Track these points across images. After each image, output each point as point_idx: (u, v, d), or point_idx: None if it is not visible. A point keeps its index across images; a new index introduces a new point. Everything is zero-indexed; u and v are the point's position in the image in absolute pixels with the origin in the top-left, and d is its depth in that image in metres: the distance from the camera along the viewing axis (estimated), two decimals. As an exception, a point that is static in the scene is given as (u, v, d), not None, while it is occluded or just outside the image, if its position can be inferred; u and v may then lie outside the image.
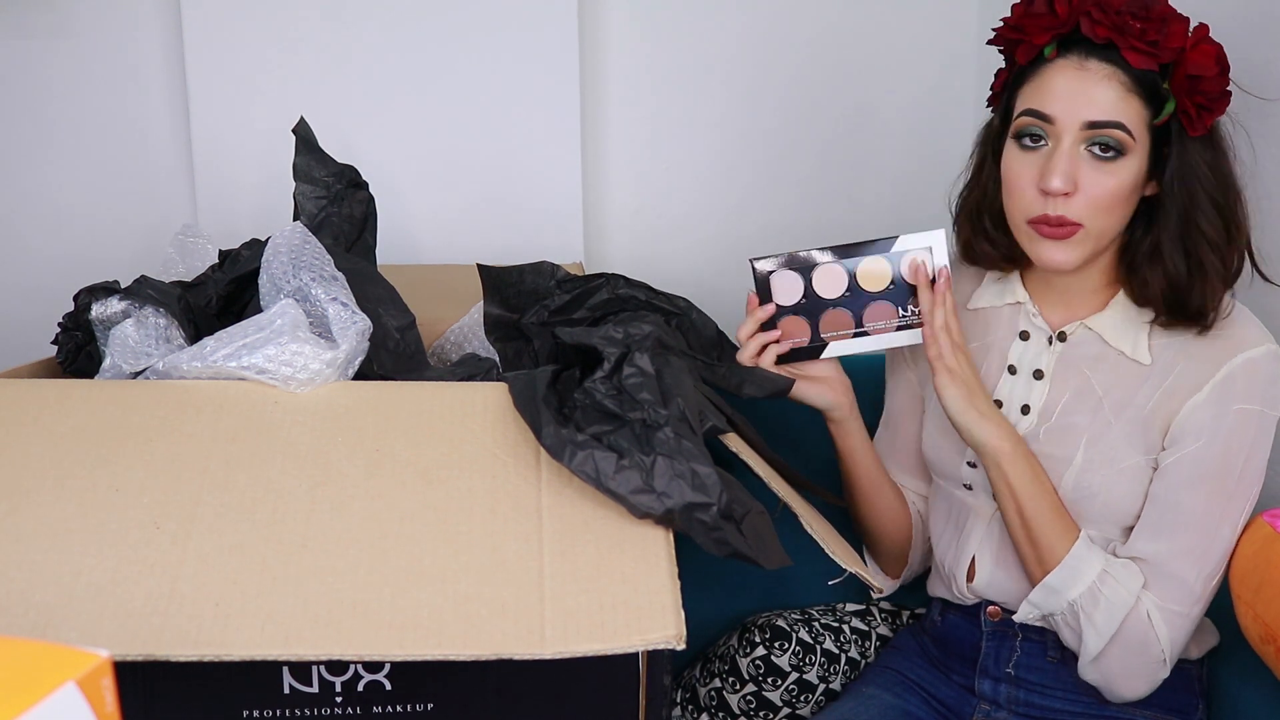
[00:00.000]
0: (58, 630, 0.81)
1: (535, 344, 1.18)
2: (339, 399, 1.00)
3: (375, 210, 1.28)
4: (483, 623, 0.83)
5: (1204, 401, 1.14)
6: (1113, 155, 1.11)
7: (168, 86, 1.67)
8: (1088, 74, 1.11)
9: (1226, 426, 1.13)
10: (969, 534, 1.28)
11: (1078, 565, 1.16)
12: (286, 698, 0.90)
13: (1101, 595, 1.15)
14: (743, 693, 1.38)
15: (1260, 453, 1.15)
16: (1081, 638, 1.16)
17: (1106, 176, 1.11)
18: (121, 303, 1.11)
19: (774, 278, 1.22)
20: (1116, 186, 1.11)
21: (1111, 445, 1.18)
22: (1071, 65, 1.12)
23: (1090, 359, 1.21)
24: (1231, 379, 1.13)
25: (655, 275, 1.34)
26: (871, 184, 1.80)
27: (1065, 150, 1.11)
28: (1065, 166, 1.11)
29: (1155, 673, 1.17)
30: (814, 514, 1.10)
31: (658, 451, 0.93)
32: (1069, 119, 1.11)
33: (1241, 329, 1.16)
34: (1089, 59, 1.11)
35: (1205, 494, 1.14)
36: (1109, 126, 1.10)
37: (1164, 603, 1.15)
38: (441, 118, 1.66)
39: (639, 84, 1.74)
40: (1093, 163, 1.11)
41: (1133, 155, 1.11)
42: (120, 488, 0.91)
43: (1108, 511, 1.18)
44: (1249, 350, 1.14)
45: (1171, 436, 1.16)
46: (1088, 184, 1.11)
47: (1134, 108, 1.11)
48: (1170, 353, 1.17)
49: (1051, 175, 1.11)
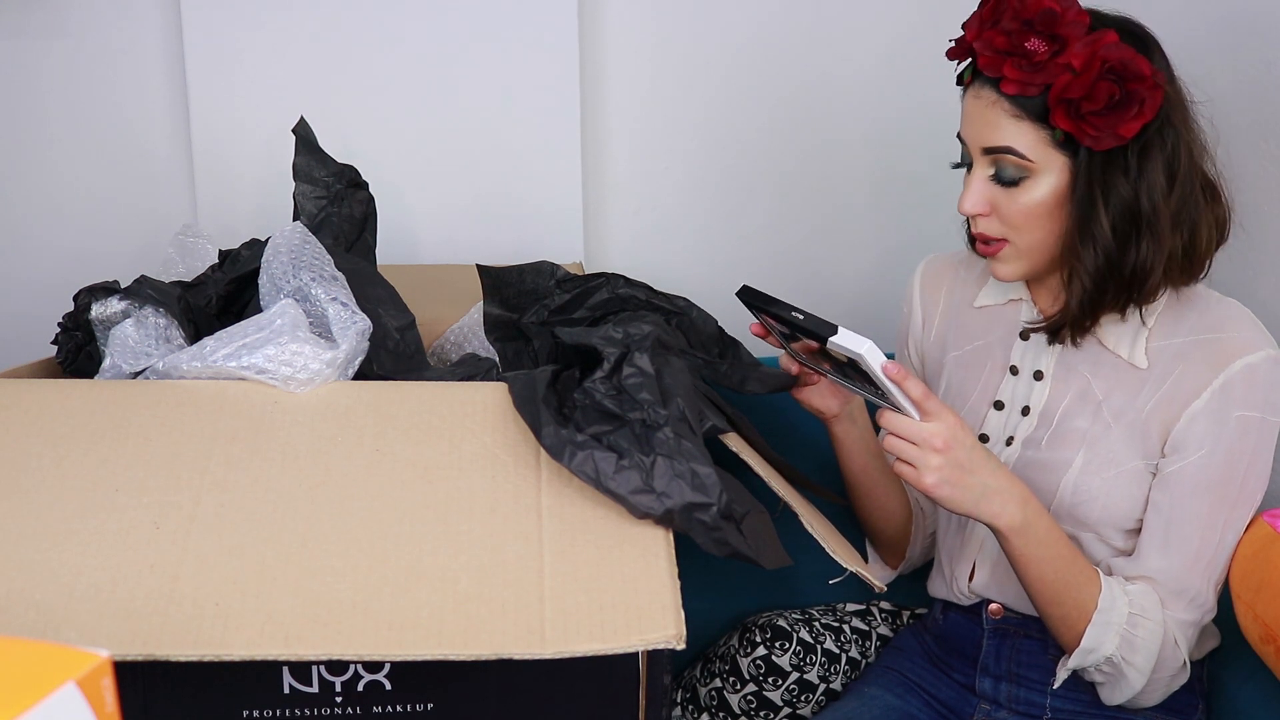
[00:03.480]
0: (58, 630, 0.81)
1: (535, 344, 1.18)
2: (339, 399, 1.00)
3: (375, 210, 1.28)
4: (483, 623, 0.83)
5: (1203, 409, 1.13)
6: (1014, 179, 1.12)
7: (168, 86, 1.67)
8: (980, 101, 1.13)
9: (1228, 435, 1.13)
10: (971, 535, 1.28)
11: (1108, 619, 1.13)
12: (286, 698, 0.90)
13: (1137, 639, 1.13)
14: (743, 693, 1.38)
15: (1262, 459, 1.15)
16: (1120, 681, 1.15)
17: (1016, 196, 1.13)
18: (121, 303, 1.11)
19: (764, 316, 1.17)
20: (1029, 204, 1.12)
21: (1110, 449, 1.17)
22: (973, 91, 1.15)
23: (1090, 361, 1.20)
24: (1230, 385, 1.13)
25: (655, 275, 1.34)
26: (874, 183, 1.80)
27: (976, 174, 1.15)
28: (975, 189, 1.15)
29: (1176, 680, 1.18)
30: (814, 513, 1.10)
31: (657, 452, 0.93)
32: (973, 144, 1.15)
33: (1240, 332, 1.15)
34: (983, 86, 1.13)
35: (1209, 503, 1.14)
36: (1000, 152, 1.12)
37: (1179, 616, 1.15)
38: (441, 118, 1.66)
39: (639, 84, 1.74)
40: (999, 187, 1.14)
41: (1039, 175, 1.11)
42: (120, 488, 0.91)
43: (1107, 515, 1.18)
44: (1248, 355, 1.13)
45: (1172, 444, 1.15)
46: (1001, 205, 1.14)
47: (1025, 131, 1.11)
48: (1168, 357, 1.17)
49: (963, 199, 1.16)
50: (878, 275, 1.82)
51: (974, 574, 1.27)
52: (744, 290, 1.16)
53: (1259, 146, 1.38)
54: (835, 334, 1.04)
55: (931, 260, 1.37)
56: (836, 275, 1.82)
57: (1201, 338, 1.15)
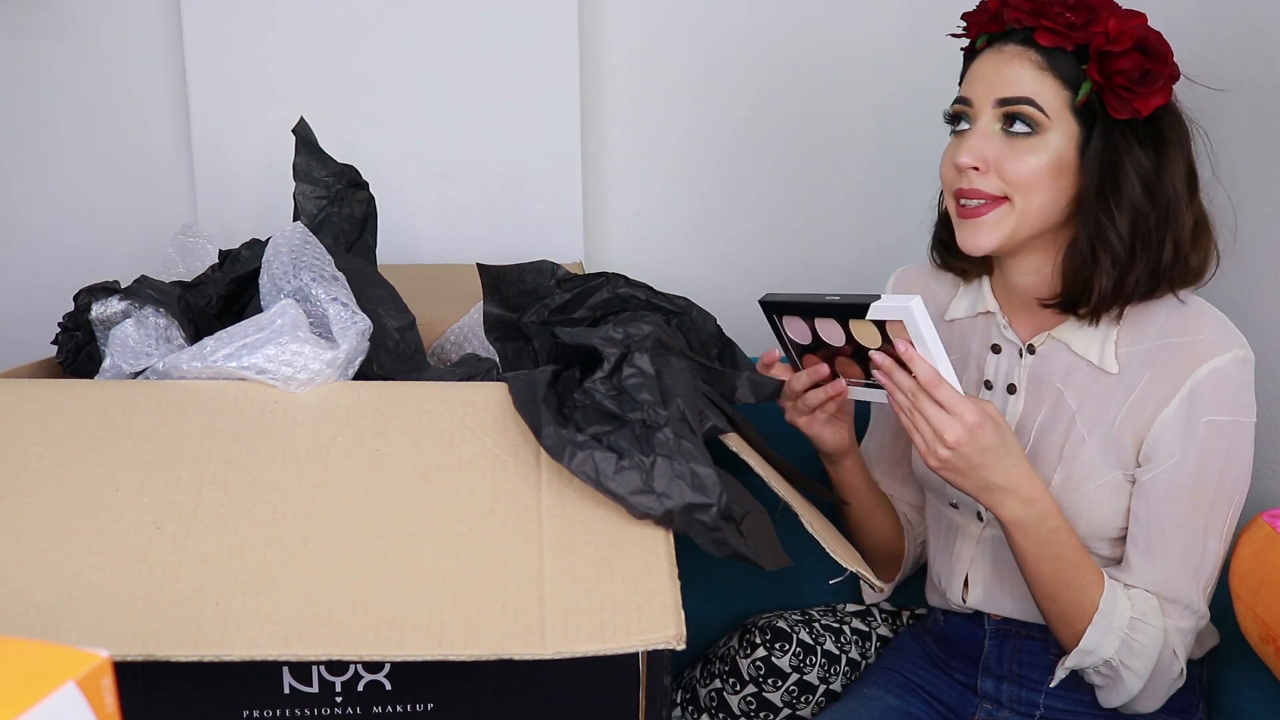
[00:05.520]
0: (58, 630, 0.80)
1: (535, 344, 1.18)
2: (339, 399, 1.00)
3: (375, 210, 1.28)
4: (483, 623, 0.83)
5: (1172, 417, 1.12)
6: (1026, 131, 1.12)
7: (168, 86, 1.67)
8: (1003, 55, 1.14)
9: (1198, 440, 1.12)
10: (959, 552, 1.28)
11: (1108, 622, 1.13)
12: (286, 698, 0.90)
13: (1136, 643, 1.13)
14: (743, 694, 1.38)
15: (1238, 461, 1.13)
16: (1118, 684, 1.15)
17: (1023, 153, 1.12)
18: (121, 303, 1.11)
19: (785, 320, 1.18)
20: (1035, 164, 1.12)
21: (1086, 462, 1.17)
22: (992, 52, 1.15)
23: (1061, 372, 1.19)
24: (1197, 392, 1.12)
25: (655, 275, 1.34)
26: (875, 183, 1.80)
27: (977, 128, 1.14)
28: (974, 142, 1.13)
29: (1173, 686, 1.18)
30: (815, 513, 1.10)
31: (657, 452, 0.93)
32: (983, 99, 1.14)
33: (1207, 334, 1.13)
34: (1007, 44, 1.14)
35: (1186, 510, 1.13)
36: (1018, 102, 1.12)
37: (1176, 624, 1.15)
38: (442, 117, 1.66)
39: (639, 83, 1.74)
40: (1007, 140, 1.13)
41: (1050, 133, 1.12)
42: (120, 488, 0.91)
43: (1091, 529, 1.17)
44: (1214, 359, 1.11)
45: (1145, 453, 1.15)
46: (1004, 161, 1.12)
47: (1048, 86, 1.12)
48: (1136, 363, 1.16)
49: (960, 150, 1.14)
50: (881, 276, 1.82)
51: (967, 591, 1.27)
52: (766, 299, 1.17)
53: (1259, 146, 1.38)
54: (879, 299, 1.07)
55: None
56: (838, 275, 1.82)
57: (1169, 342, 1.14)
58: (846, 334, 1.13)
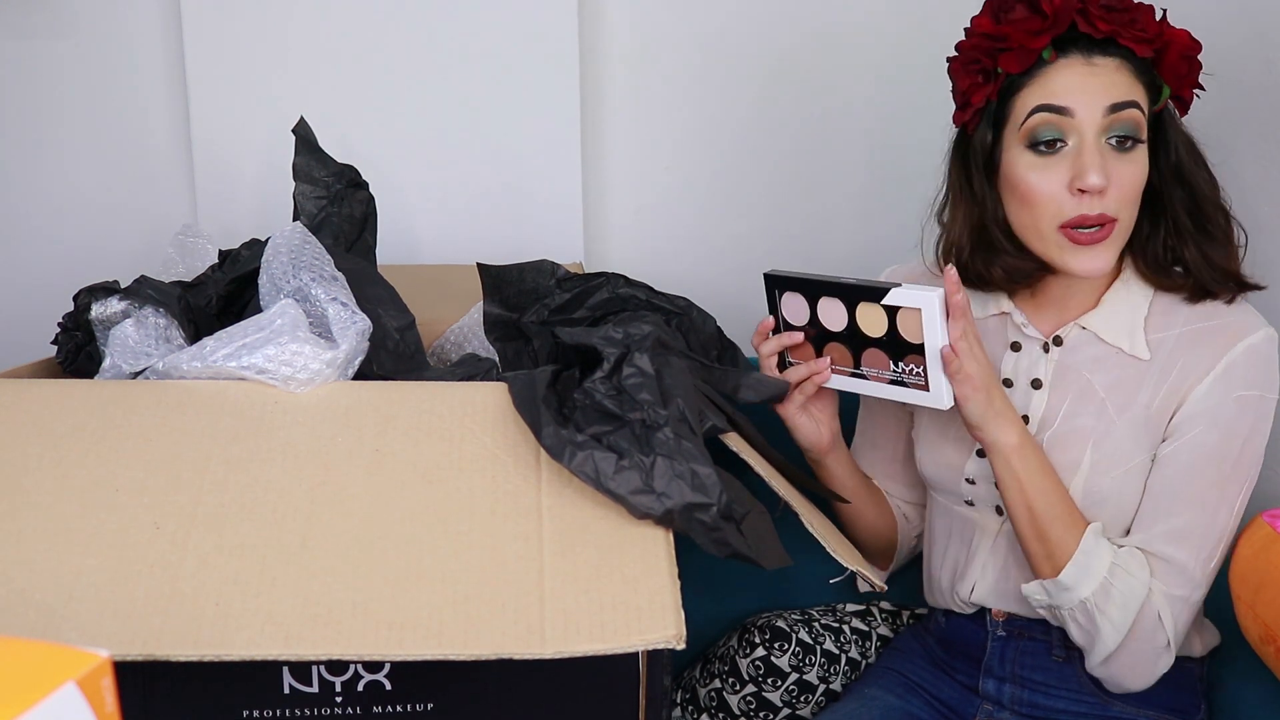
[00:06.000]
0: (58, 630, 0.80)
1: (535, 344, 1.18)
2: (339, 399, 1.00)
3: (375, 210, 1.28)
4: (483, 623, 0.83)
5: (1205, 393, 1.14)
6: (1131, 145, 1.12)
7: (168, 86, 1.67)
8: (1097, 68, 1.11)
9: (1226, 414, 1.13)
10: (975, 550, 1.27)
11: (1089, 561, 1.13)
12: (286, 698, 0.90)
13: (1114, 589, 1.13)
14: (743, 693, 1.38)
15: (1259, 437, 1.15)
16: (1096, 635, 1.14)
17: (1130, 166, 1.12)
18: (121, 303, 1.11)
19: (785, 296, 1.18)
20: (1140, 176, 1.13)
21: (1117, 445, 1.17)
22: (1077, 62, 1.11)
23: (1089, 360, 1.20)
24: (1233, 368, 1.14)
25: (655, 275, 1.34)
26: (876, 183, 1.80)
27: (1091, 145, 1.10)
28: (1098, 161, 1.10)
29: (1160, 660, 1.15)
30: (815, 512, 1.10)
31: (657, 452, 0.93)
32: (1089, 109, 1.10)
33: (1239, 317, 1.16)
34: (1092, 54, 1.11)
35: (1201, 478, 1.14)
36: (1129, 106, 1.11)
37: (1167, 589, 1.14)
38: (441, 118, 1.66)
39: (639, 83, 1.74)
40: (1115, 155, 1.11)
41: (1144, 143, 1.13)
42: (120, 488, 0.91)
43: (1120, 514, 1.17)
44: (1249, 337, 1.14)
45: (1172, 428, 1.16)
46: (1117, 177, 1.11)
47: (1141, 95, 1.12)
48: (1168, 347, 1.17)
49: (1088, 172, 1.09)
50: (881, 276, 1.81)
51: (974, 587, 1.27)
52: (771, 273, 1.18)
53: (1259, 146, 1.38)
54: (900, 286, 1.09)
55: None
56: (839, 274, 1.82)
57: (1200, 325, 1.16)
58: (850, 318, 1.14)
